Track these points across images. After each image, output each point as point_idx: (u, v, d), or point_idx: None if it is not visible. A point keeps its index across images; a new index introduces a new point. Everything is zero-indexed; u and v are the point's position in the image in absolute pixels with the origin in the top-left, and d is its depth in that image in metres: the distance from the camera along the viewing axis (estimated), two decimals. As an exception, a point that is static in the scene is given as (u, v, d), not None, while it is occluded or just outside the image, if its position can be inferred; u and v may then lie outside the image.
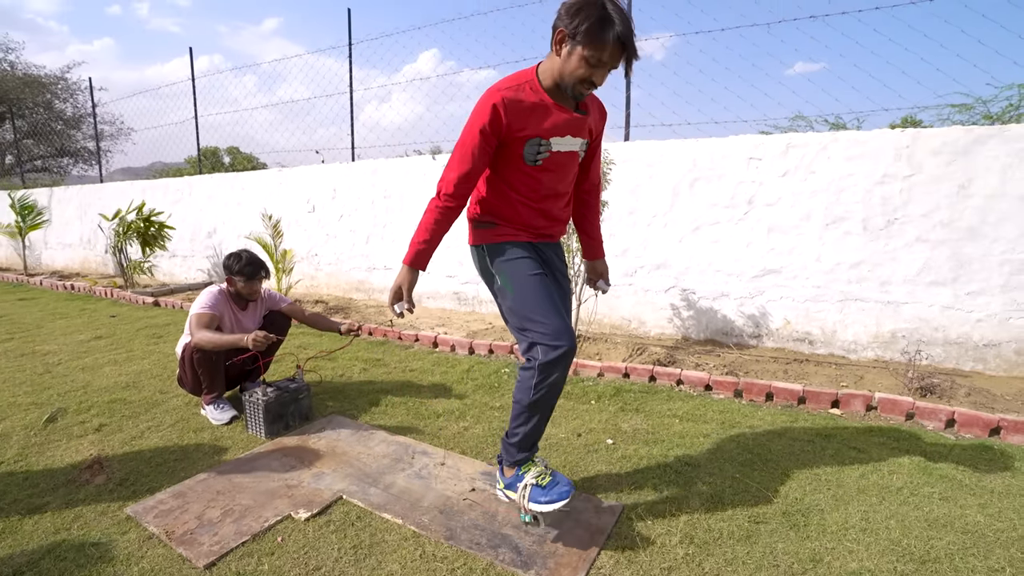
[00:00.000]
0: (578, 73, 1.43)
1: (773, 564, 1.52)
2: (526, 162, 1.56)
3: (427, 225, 1.58)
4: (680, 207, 3.96)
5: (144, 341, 4.10)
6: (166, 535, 1.66)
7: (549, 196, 1.65)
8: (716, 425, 2.47)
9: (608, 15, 1.37)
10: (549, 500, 1.56)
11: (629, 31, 1.38)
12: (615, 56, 1.41)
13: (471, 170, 1.53)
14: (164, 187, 7.39)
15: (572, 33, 1.40)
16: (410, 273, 1.60)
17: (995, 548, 1.58)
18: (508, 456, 1.69)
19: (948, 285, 3.29)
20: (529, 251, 1.66)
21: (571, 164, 1.64)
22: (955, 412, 2.47)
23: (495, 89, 1.51)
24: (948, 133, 3.22)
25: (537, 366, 1.52)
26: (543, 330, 1.53)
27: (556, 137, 1.55)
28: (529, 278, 1.59)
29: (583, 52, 1.40)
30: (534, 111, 1.51)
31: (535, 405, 1.57)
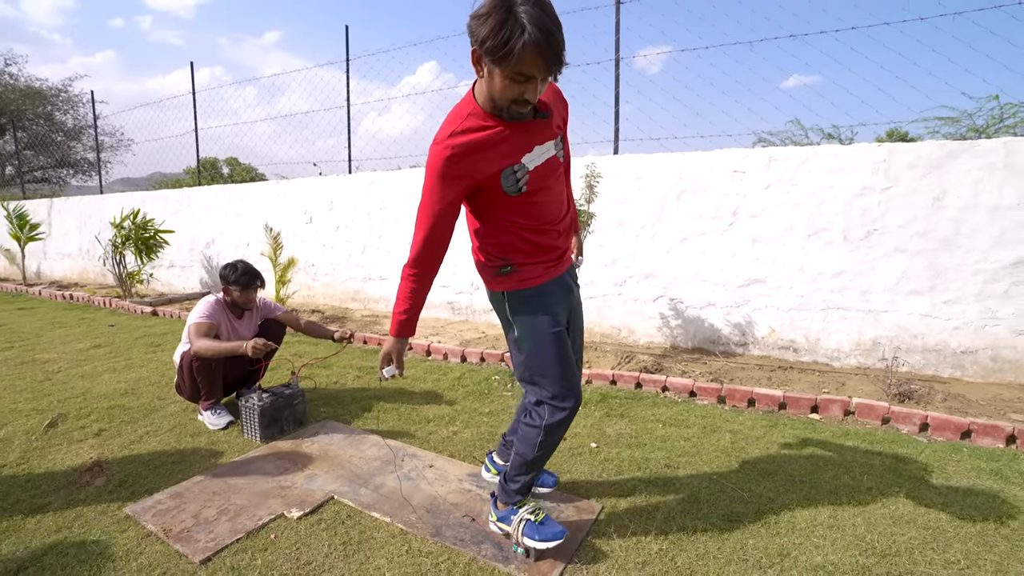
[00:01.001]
0: (507, 94, 1.27)
1: (743, 559, 1.60)
2: (510, 194, 1.43)
3: (405, 295, 1.52)
4: (667, 218, 4.07)
5: (142, 350, 4.17)
6: (164, 533, 1.73)
7: (553, 215, 1.53)
8: (697, 429, 2.56)
9: (515, 19, 1.15)
10: (543, 538, 1.56)
11: (545, 33, 1.16)
12: (535, 64, 1.20)
13: (439, 233, 1.43)
14: (164, 198, 7.49)
15: (482, 50, 1.22)
16: (398, 344, 1.57)
17: (953, 543, 1.66)
18: (506, 497, 1.68)
19: (926, 294, 3.39)
20: (552, 297, 1.55)
21: (554, 169, 1.49)
22: (928, 416, 2.56)
23: (441, 140, 1.37)
24: (923, 147, 3.34)
25: (543, 426, 1.54)
26: (553, 391, 1.52)
27: (527, 155, 1.41)
28: (547, 336, 1.51)
29: (498, 70, 1.22)
30: (490, 143, 1.36)
31: (537, 461, 1.61)
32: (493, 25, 1.16)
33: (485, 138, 1.35)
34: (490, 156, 1.37)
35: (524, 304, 1.54)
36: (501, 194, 1.43)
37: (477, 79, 1.35)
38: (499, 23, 1.16)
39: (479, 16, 1.20)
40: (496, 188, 1.42)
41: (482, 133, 1.35)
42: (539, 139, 1.43)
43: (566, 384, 1.52)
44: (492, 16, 1.17)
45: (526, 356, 1.55)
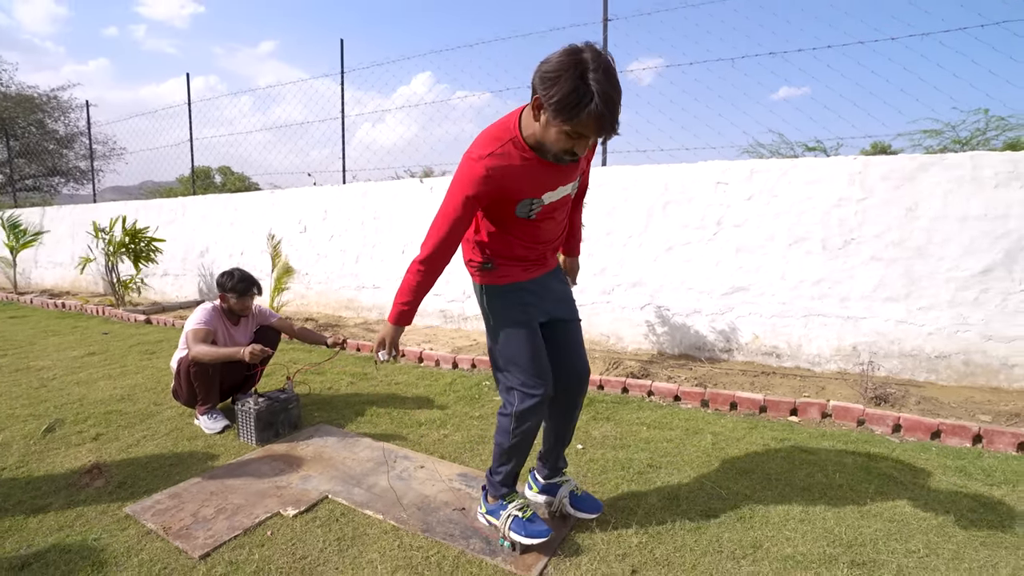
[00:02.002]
0: (559, 145, 1.36)
1: (718, 550, 1.69)
2: (519, 216, 1.55)
3: (409, 286, 1.58)
4: (654, 228, 4.19)
5: (137, 357, 4.21)
6: (163, 530, 1.79)
7: (547, 239, 1.66)
8: (680, 432, 2.65)
9: (585, 88, 1.23)
10: (529, 535, 1.63)
11: (610, 103, 1.24)
12: (595, 127, 1.29)
13: (453, 236, 1.50)
14: (158, 207, 7.54)
15: (547, 104, 1.28)
16: (395, 330, 1.64)
17: (916, 534, 1.75)
18: (493, 490, 1.76)
19: (901, 301, 3.52)
20: (527, 296, 1.65)
21: (565, 204, 1.63)
22: (900, 418, 2.67)
23: (479, 156, 1.44)
24: (895, 161, 3.49)
25: (514, 413, 1.63)
26: (521, 378, 1.61)
27: (548, 192, 1.52)
28: (516, 326, 1.62)
29: (559, 125, 1.30)
30: (524, 174, 1.45)
31: (514, 449, 1.70)
32: (565, 87, 1.24)
33: (519, 168, 1.45)
34: (517, 186, 1.47)
35: (499, 297, 1.66)
36: (511, 214, 1.55)
37: (526, 110, 1.42)
38: (572, 88, 1.23)
39: (551, 74, 1.26)
40: (509, 209, 1.54)
41: (517, 163, 1.44)
42: (563, 181, 1.54)
43: (535, 372, 1.61)
44: (565, 78, 1.24)
45: (499, 345, 1.67)
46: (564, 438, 1.87)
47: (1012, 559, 1.64)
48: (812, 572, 1.58)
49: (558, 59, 1.26)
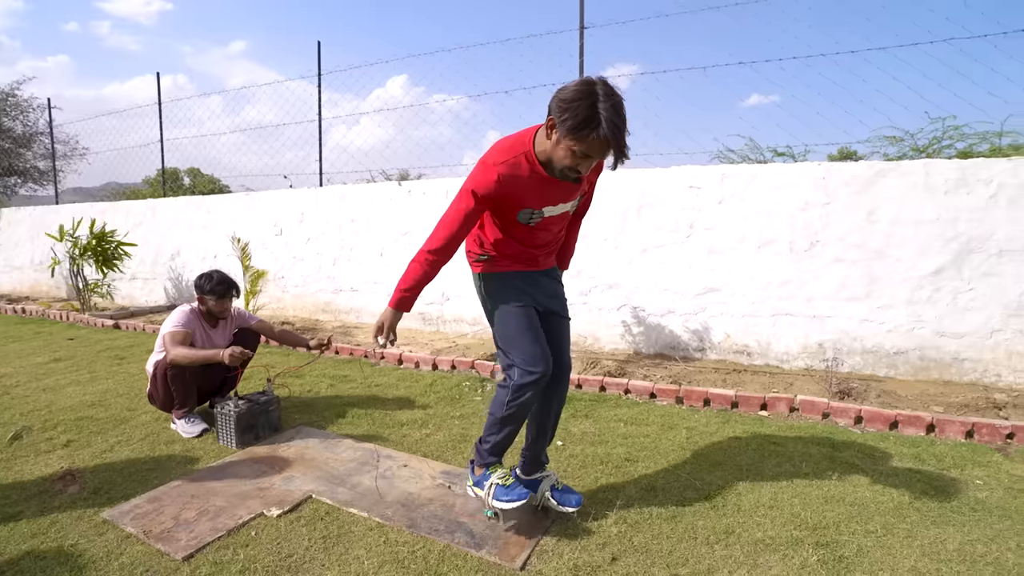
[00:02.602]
0: (565, 162, 1.50)
1: (692, 537, 1.77)
2: (519, 221, 1.70)
3: (414, 275, 1.68)
4: (629, 231, 4.30)
5: (107, 362, 4.10)
6: (144, 534, 1.77)
7: (541, 243, 1.81)
8: (656, 427, 2.74)
9: (596, 115, 1.39)
10: (509, 499, 1.73)
11: (616, 129, 1.40)
12: (600, 148, 1.45)
13: (461, 231, 1.64)
14: (126, 209, 7.33)
15: (560, 125, 1.44)
16: (394, 315, 1.73)
17: (874, 516, 1.87)
18: (480, 458, 1.87)
19: (863, 300, 3.70)
20: (519, 282, 1.80)
21: (562, 221, 1.80)
22: (862, 410, 2.82)
23: (494, 162, 1.59)
24: (856, 167, 3.68)
25: (511, 386, 1.72)
26: (522, 356, 1.71)
27: (549, 206, 1.68)
28: (514, 308, 1.76)
29: (569, 145, 1.45)
30: (530, 186, 1.60)
31: (506, 419, 1.78)
32: (578, 114, 1.40)
33: (526, 180, 1.61)
34: (522, 195, 1.63)
35: (495, 283, 1.82)
36: (513, 218, 1.71)
37: (541, 129, 1.57)
38: (585, 117, 1.40)
39: (566, 101, 1.43)
40: (512, 214, 1.69)
41: (526, 175, 1.60)
42: (564, 198, 1.70)
43: (534, 351, 1.70)
44: (578, 106, 1.40)
45: (499, 327, 1.80)
46: (546, 433, 1.93)
47: (959, 535, 1.77)
48: (780, 554, 1.67)
49: (574, 88, 1.43)
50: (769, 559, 1.65)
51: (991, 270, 3.40)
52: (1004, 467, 2.28)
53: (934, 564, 1.62)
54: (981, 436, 2.58)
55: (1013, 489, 2.08)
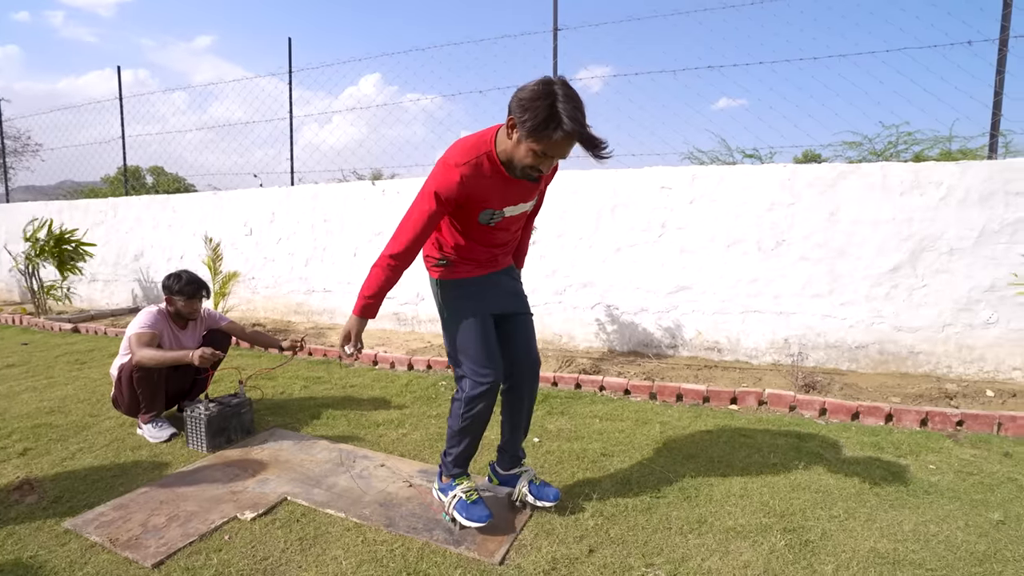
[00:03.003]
0: (526, 161, 1.51)
1: (667, 527, 1.81)
2: (481, 223, 1.69)
3: (376, 281, 1.67)
4: (603, 230, 4.36)
5: (66, 367, 3.93)
6: (110, 542, 1.72)
7: (501, 243, 1.81)
8: (631, 422, 2.79)
9: (556, 114, 1.40)
10: (468, 517, 1.74)
11: (578, 124, 1.41)
12: (562, 148, 1.47)
13: (423, 234, 1.62)
14: (84, 208, 7.04)
15: (521, 126, 1.45)
16: (359, 322, 1.73)
17: (837, 501, 1.96)
18: (445, 470, 1.89)
19: (826, 297, 3.85)
20: (477, 288, 1.78)
21: (521, 220, 1.83)
22: (826, 402, 2.93)
23: (455, 163, 1.57)
24: (819, 169, 3.82)
25: (463, 398, 1.75)
26: (471, 366, 1.73)
27: (510, 207, 1.69)
28: (469, 318, 1.75)
29: (531, 145, 1.46)
30: (492, 186, 1.60)
31: (463, 431, 1.80)
32: (538, 114, 1.41)
33: (489, 180, 1.60)
34: (484, 196, 1.62)
35: (453, 290, 1.80)
36: (474, 220, 1.69)
37: (502, 129, 1.57)
38: (545, 115, 1.40)
39: (526, 101, 1.43)
40: (473, 215, 1.67)
41: (488, 176, 1.60)
42: (524, 197, 1.72)
43: (484, 361, 1.73)
44: (538, 106, 1.41)
45: (452, 335, 1.80)
46: (519, 428, 1.95)
47: (914, 516, 1.87)
48: (750, 541, 1.73)
49: (533, 88, 1.44)
50: (740, 546, 1.70)
51: (943, 267, 3.58)
52: (954, 452, 2.41)
53: (892, 544, 1.71)
54: (934, 424, 2.72)
55: (962, 472, 2.21)
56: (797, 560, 1.63)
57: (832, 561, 1.62)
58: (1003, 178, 3.43)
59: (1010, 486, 2.09)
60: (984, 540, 1.73)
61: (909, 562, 1.62)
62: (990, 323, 3.52)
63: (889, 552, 1.66)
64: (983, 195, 3.47)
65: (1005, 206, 3.44)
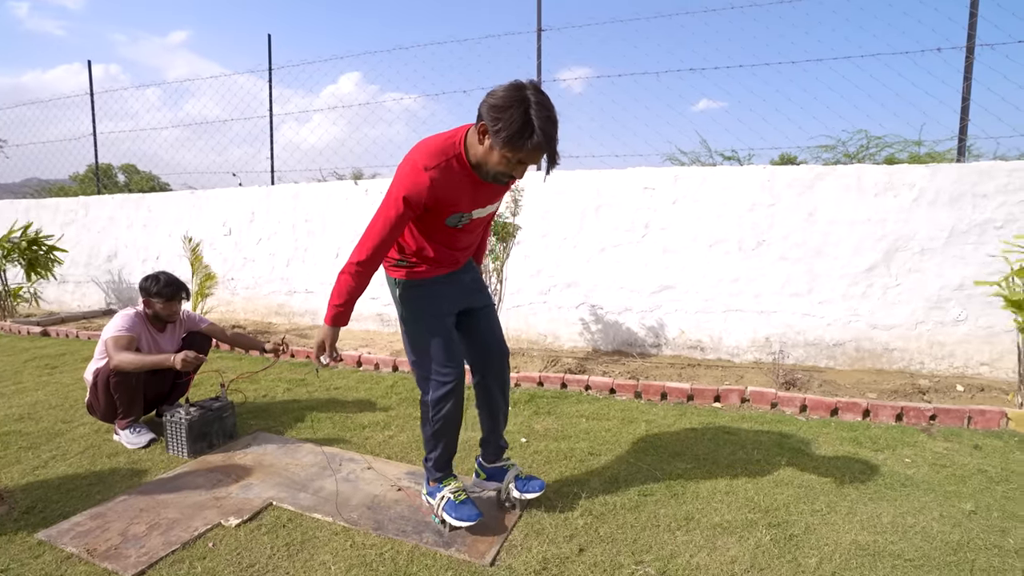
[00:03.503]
0: (499, 168, 1.49)
1: (655, 524, 1.84)
2: (447, 225, 1.66)
3: (345, 288, 1.64)
4: (587, 230, 4.39)
5: (35, 372, 3.80)
6: (87, 553, 1.66)
7: (464, 246, 1.80)
8: (617, 421, 2.81)
9: (529, 121, 1.39)
10: (458, 517, 1.73)
11: (549, 137, 1.41)
12: (534, 156, 1.46)
13: (390, 239, 1.59)
14: (54, 207, 6.81)
15: (494, 134, 1.42)
16: (333, 332, 1.70)
17: (819, 496, 2.01)
18: (429, 474, 1.88)
19: (805, 296, 3.94)
20: (439, 288, 1.76)
21: (487, 220, 1.83)
22: (806, 399, 3.00)
23: (422, 166, 1.53)
24: (797, 171, 3.91)
25: (430, 401, 1.75)
26: (433, 366, 1.72)
27: (478, 209, 1.68)
28: (427, 317, 1.73)
29: (503, 152, 1.44)
30: (461, 189, 1.58)
31: (437, 434, 1.80)
32: (512, 123, 1.39)
33: (457, 184, 1.57)
34: (453, 199, 1.59)
35: (411, 290, 1.77)
36: (440, 223, 1.66)
37: (471, 131, 1.53)
38: (518, 123, 1.39)
39: (497, 107, 1.41)
40: (440, 218, 1.64)
41: (457, 179, 1.56)
42: (492, 199, 1.71)
43: (446, 359, 1.72)
44: (512, 114, 1.39)
45: (412, 336, 1.78)
46: (498, 419, 1.95)
47: (892, 509, 1.92)
48: (736, 536, 1.76)
49: (503, 94, 1.42)
50: (727, 541, 1.73)
51: (915, 267, 3.70)
52: (928, 445, 2.49)
53: (872, 536, 1.75)
54: (909, 419, 2.81)
55: (936, 465, 2.28)
56: (782, 554, 1.66)
57: (816, 554, 1.66)
58: (971, 181, 3.55)
59: (980, 477, 2.17)
60: (958, 530, 1.79)
61: (888, 553, 1.66)
62: (959, 320, 3.65)
63: (869, 544, 1.71)
64: (952, 197, 3.59)
65: (973, 207, 3.57)
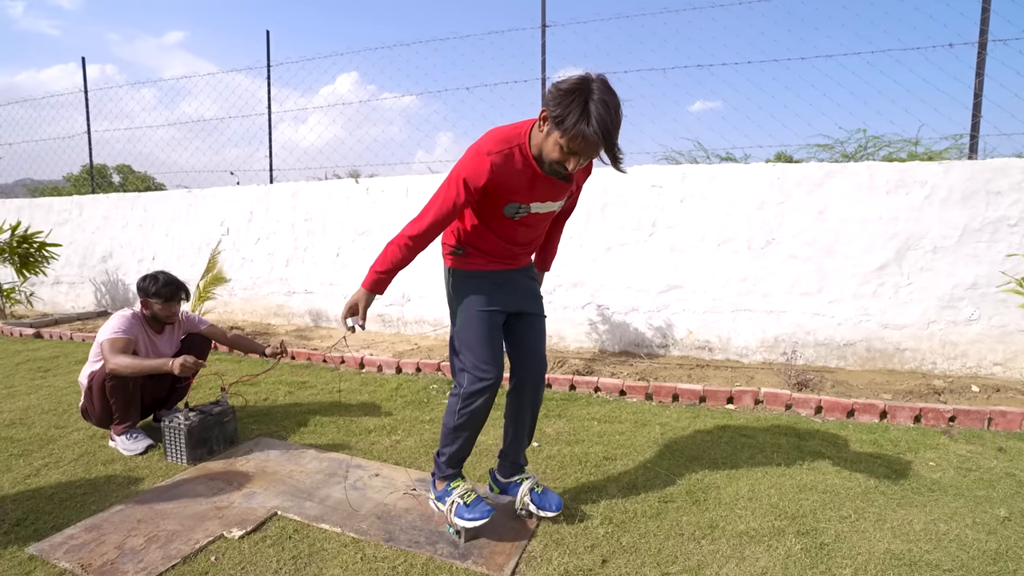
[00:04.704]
0: (553, 156, 1.48)
1: (679, 533, 1.76)
2: (506, 215, 1.64)
3: (391, 257, 1.62)
4: (593, 229, 4.31)
5: (27, 375, 3.69)
6: (82, 568, 1.57)
7: (522, 241, 1.74)
8: (630, 424, 2.74)
9: (589, 111, 1.37)
10: (472, 518, 1.67)
11: (607, 130, 1.38)
12: (589, 148, 1.42)
13: (446, 219, 1.58)
14: (47, 206, 6.69)
15: (552, 119, 1.42)
16: (368, 296, 1.66)
17: (845, 501, 1.94)
18: (438, 471, 1.82)
19: (815, 295, 3.87)
20: (491, 282, 1.72)
21: (547, 219, 1.76)
22: (821, 400, 2.93)
23: (487, 150, 1.53)
24: (807, 168, 3.85)
25: (462, 394, 1.69)
26: (473, 361, 1.67)
27: (537, 203, 1.63)
28: (477, 312, 1.69)
29: (559, 139, 1.43)
30: (521, 178, 1.56)
31: (459, 428, 1.73)
32: (570, 109, 1.38)
33: (518, 172, 1.56)
34: (512, 186, 1.58)
35: (463, 281, 1.74)
36: (499, 211, 1.64)
37: (536, 124, 1.53)
38: (578, 111, 1.38)
39: (561, 93, 1.41)
40: (498, 206, 1.63)
41: (519, 168, 1.55)
42: (553, 196, 1.66)
43: (487, 357, 1.67)
44: (571, 101, 1.38)
45: (458, 327, 1.75)
46: (523, 433, 1.88)
47: (922, 515, 1.85)
48: (764, 545, 1.69)
49: (570, 82, 1.42)
50: (755, 551, 1.66)
51: (927, 266, 3.64)
52: (951, 448, 2.42)
53: (905, 545, 1.68)
54: (928, 420, 2.74)
55: (962, 469, 2.22)
56: (815, 564, 1.59)
57: (850, 564, 1.59)
58: (984, 178, 3.50)
59: (1009, 481, 2.11)
60: (993, 538, 1.72)
61: (925, 563, 1.59)
62: (972, 320, 3.59)
63: (904, 553, 1.64)
64: (965, 194, 3.53)
65: (986, 205, 3.51)
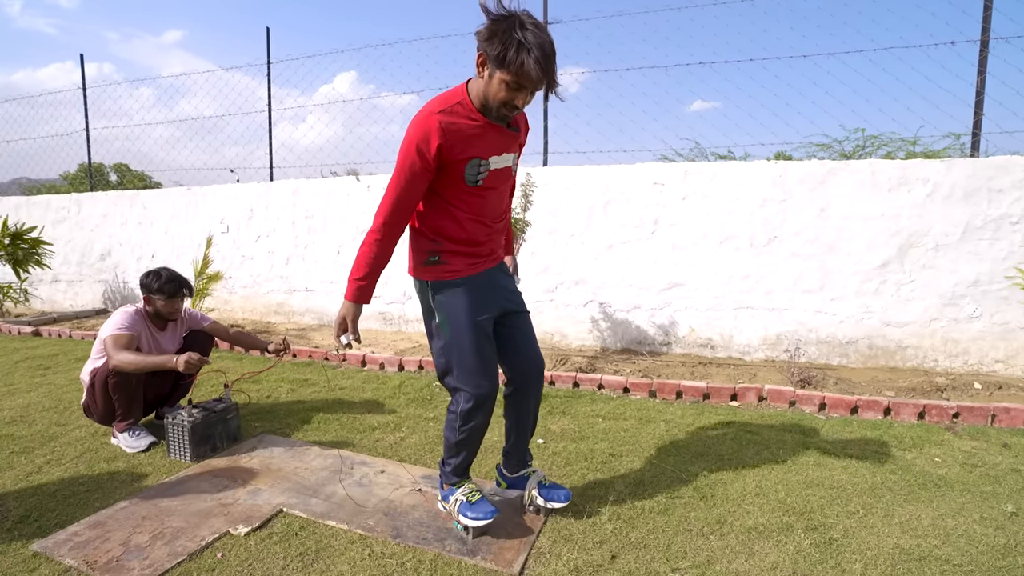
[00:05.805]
0: (500, 96, 1.44)
1: (687, 529, 1.75)
2: (467, 183, 1.56)
3: (365, 260, 1.57)
4: (595, 227, 4.31)
5: (27, 373, 3.67)
6: (87, 566, 1.56)
7: (492, 213, 1.68)
8: (635, 421, 2.73)
9: (523, 40, 1.35)
10: (475, 516, 1.67)
11: (546, 54, 1.37)
12: (533, 80, 1.39)
13: (408, 197, 1.53)
14: (45, 204, 6.65)
15: (490, 57, 1.39)
16: (354, 308, 1.62)
17: (852, 497, 1.93)
18: (445, 479, 1.81)
19: (817, 293, 3.87)
20: (474, 289, 1.63)
21: (507, 178, 1.69)
22: (825, 397, 2.93)
23: (429, 112, 1.49)
24: (809, 166, 3.84)
25: (460, 413, 1.66)
26: (466, 378, 1.62)
27: (494, 156, 1.57)
28: (466, 324, 1.60)
29: (501, 76, 1.40)
30: (471, 133, 1.51)
31: (461, 444, 1.72)
32: (504, 42, 1.37)
33: (468, 127, 1.51)
34: (466, 143, 1.52)
35: (447, 293, 1.64)
36: (460, 180, 1.56)
37: (474, 78, 1.51)
38: (515, 42, 1.36)
39: (489, 32, 1.39)
40: (459, 174, 1.55)
41: (466, 121, 1.50)
42: (506, 147, 1.61)
43: (481, 371, 1.62)
44: (504, 35, 1.37)
45: (444, 343, 1.65)
46: (525, 431, 1.87)
47: (930, 511, 1.85)
48: (773, 540, 1.68)
49: (494, 19, 1.40)
50: (764, 546, 1.65)
51: (929, 263, 3.64)
52: (956, 444, 2.42)
53: (914, 540, 1.68)
54: (931, 417, 2.75)
55: (967, 465, 2.22)
56: (825, 559, 1.59)
57: (859, 559, 1.58)
58: (986, 175, 3.50)
59: (1015, 477, 2.11)
60: (1001, 533, 1.72)
61: (935, 558, 1.59)
62: (974, 317, 3.60)
63: (913, 548, 1.64)
64: (967, 192, 3.54)
65: (988, 202, 3.52)
